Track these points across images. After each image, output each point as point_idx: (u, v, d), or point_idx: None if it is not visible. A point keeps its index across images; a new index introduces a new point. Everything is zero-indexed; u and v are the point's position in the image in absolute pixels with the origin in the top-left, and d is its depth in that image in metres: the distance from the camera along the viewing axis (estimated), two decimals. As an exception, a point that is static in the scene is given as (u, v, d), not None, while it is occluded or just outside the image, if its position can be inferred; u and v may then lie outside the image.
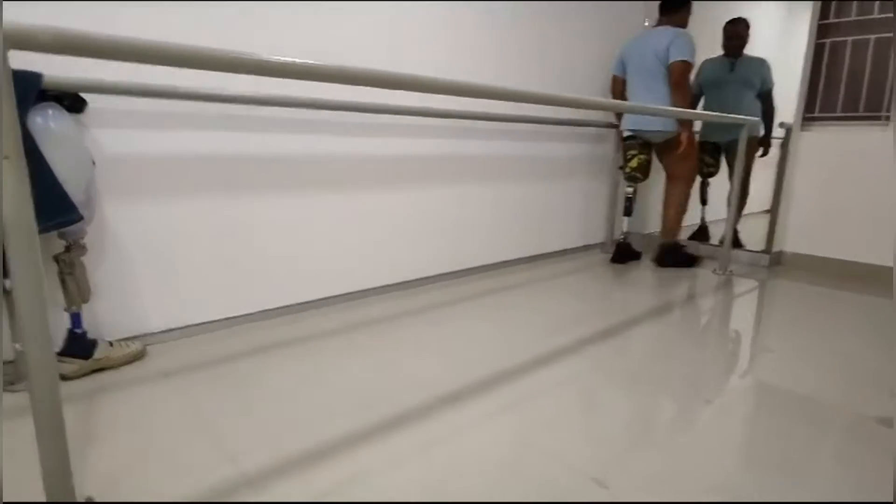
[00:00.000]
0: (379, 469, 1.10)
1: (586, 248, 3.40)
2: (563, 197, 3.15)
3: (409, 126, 2.28)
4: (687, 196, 3.01)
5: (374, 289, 2.31)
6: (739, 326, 2.10)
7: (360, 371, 1.57)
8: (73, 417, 1.27)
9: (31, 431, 0.91)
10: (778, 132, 3.11)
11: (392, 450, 1.17)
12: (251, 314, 1.95)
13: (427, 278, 2.51)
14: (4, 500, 0.71)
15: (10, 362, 1.45)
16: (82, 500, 0.95)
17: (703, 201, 3.53)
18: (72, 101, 1.42)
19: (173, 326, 1.77)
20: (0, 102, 0.73)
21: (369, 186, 2.21)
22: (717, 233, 3.35)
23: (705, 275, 2.89)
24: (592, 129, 3.22)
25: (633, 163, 2.98)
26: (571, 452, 1.18)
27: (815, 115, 2.93)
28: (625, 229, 3.14)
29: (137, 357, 1.61)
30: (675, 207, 3.00)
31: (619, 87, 3.02)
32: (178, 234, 1.74)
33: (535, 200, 2.97)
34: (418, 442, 1.20)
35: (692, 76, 2.85)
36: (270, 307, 2.00)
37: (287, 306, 2.04)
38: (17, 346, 0.81)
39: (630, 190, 3.08)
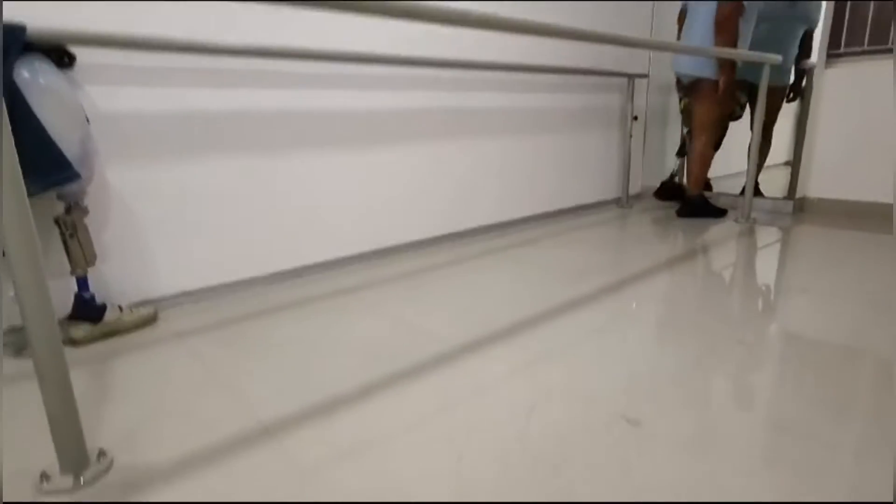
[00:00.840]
0: (401, 417, 1.05)
1: (600, 204, 3.30)
2: (576, 151, 3.05)
3: (421, 78, 2.19)
4: (709, 146, 2.87)
5: (389, 248, 2.25)
6: (767, 270, 2.02)
7: (377, 328, 1.52)
8: (85, 380, 1.24)
9: (37, 396, 0.87)
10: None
11: (414, 398, 1.12)
12: (264, 276, 1.90)
13: (440, 237, 2.44)
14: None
15: (21, 329, 1.43)
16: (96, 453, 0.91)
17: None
18: (59, 55, 1.36)
19: (184, 290, 1.74)
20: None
21: (381, 143, 2.13)
22: (737, 184, 3.24)
23: (727, 224, 2.80)
24: (605, 79, 3.09)
25: (681, 105, 3.04)
26: (601, 394, 1.12)
27: (840, 51, 2.78)
28: (675, 169, 3.27)
29: (149, 321, 1.58)
30: (696, 159, 2.89)
31: (679, 24, 2.92)
32: (185, 195, 1.69)
33: (546, 155, 2.88)
34: (441, 390, 1.16)
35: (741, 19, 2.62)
36: (283, 269, 1.95)
37: (300, 268, 1.99)
38: (12, 294, 0.76)
39: (685, 130, 3.12)
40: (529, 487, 0.84)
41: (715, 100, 2.71)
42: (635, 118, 3.25)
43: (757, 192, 3.11)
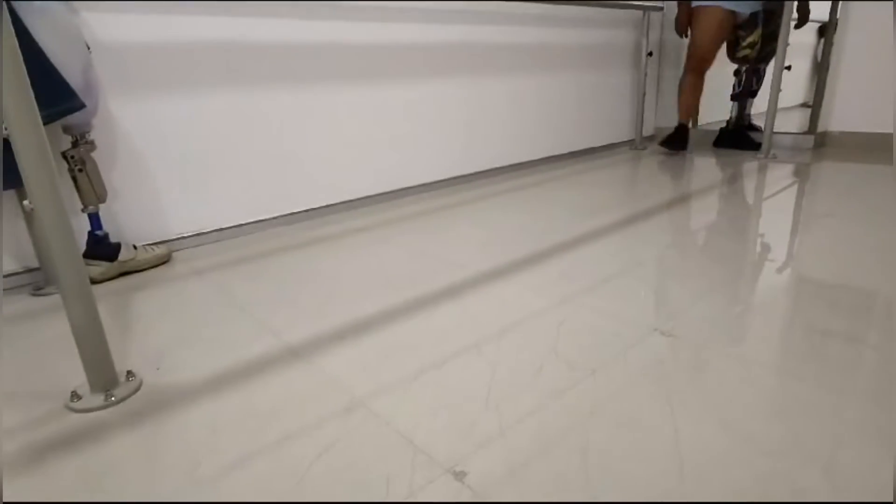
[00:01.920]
0: (430, 335, 1.04)
1: (612, 146, 3.22)
2: (588, 90, 2.94)
3: (426, 10, 2.09)
4: (689, 84, 2.90)
5: (400, 190, 2.21)
6: (791, 200, 1.97)
7: (397, 258, 1.50)
8: (107, 313, 1.23)
9: (59, 329, 0.84)
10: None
11: (440, 318, 1.11)
12: (275, 218, 1.87)
13: (449, 179, 2.39)
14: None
15: (38, 269, 1.41)
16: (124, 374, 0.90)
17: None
18: (55, -22, 1.28)
19: (198, 230, 1.71)
20: None
21: (388, 81, 2.05)
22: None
23: (747, 160, 2.72)
24: (618, 12, 2.95)
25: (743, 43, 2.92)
26: (629, 311, 1.10)
27: (869, -27, 2.62)
28: (732, 114, 3.16)
29: (163, 260, 1.56)
30: (680, 93, 3.01)
31: None
32: (194, 131, 1.64)
33: (556, 94, 2.78)
34: (466, 310, 1.14)
35: None
36: (294, 210, 1.91)
37: (312, 210, 1.96)
38: (27, 203, 0.73)
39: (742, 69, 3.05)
40: (568, 391, 0.82)
41: (697, 28, 2.77)
42: (650, 54, 3.12)
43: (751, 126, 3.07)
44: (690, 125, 3.03)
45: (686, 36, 2.82)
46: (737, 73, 3.04)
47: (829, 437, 0.70)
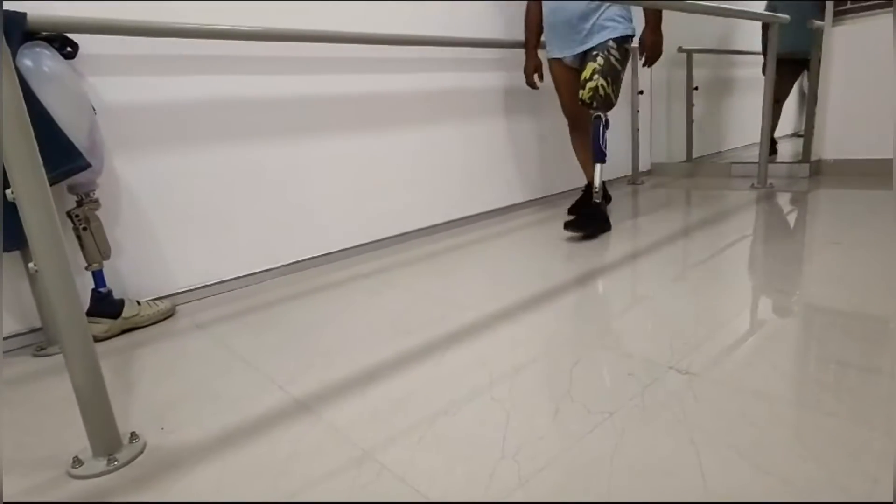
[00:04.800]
0: (437, 382, 1.01)
1: (610, 182, 3.25)
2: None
3: (424, 60, 2.15)
4: (576, 143, 2.40)
5: (404, 234, 2.21)
6: (795, 228, 1.97)
7: (402, 303, 1.48)
8: (110, 371, 1.20)
9: (61, 391, 0.82)
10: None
11: (451, 361, 1.08)
12: (279, 268, 1.87)
13: (448, 223, 2.40)
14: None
15: (40, 329, 1.39)
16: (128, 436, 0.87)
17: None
18: (61, 44, 1.33)
19: (200, 284, 1.70)
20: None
21: (392, 128, 2.09)
22: (750, 154, 3.18)
23: (743, 190, 2.74)
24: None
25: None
26: (642, 349, 1.08)
27: (847, 6, 2.72)
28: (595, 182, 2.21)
29: (167, 315, 1.55)
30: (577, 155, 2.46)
31: None
32: (195, 186, 1.66)
33: (552, 134, 2.83)
34: (475, 354, 1.12)
35: None
36: (298, 259, 1.91)
37: (314, 258, 1.95)
38: (32, 265, 0.73)
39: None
40: (586, 435, 0.79)
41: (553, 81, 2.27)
42: (640, 93, 3.20)
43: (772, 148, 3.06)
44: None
45: (535, 87, 2.35)
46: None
47: (862, 475, 0.67)
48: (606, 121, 2.06)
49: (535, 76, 2.33)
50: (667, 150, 3.51)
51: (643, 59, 2.13)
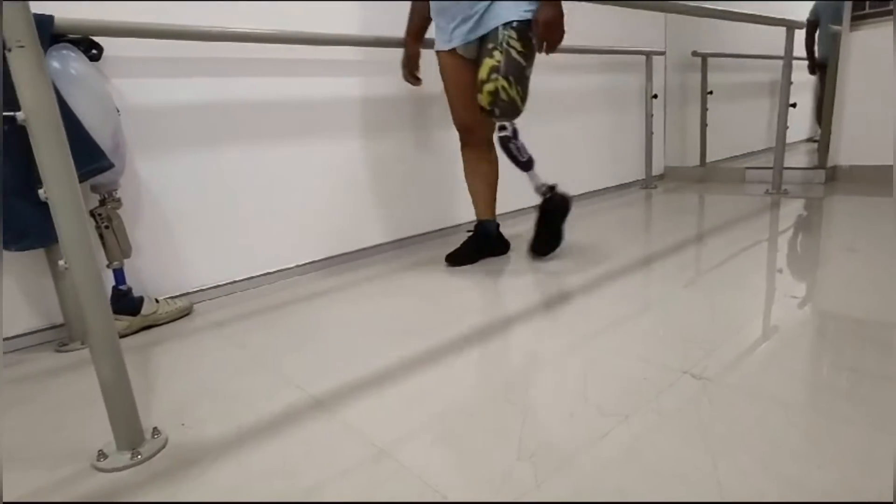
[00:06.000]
0: (451, 383, 1.02)
1: (623, 186, 3.24)
2: (595, 133, 3.00)
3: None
4: (466, 166, 1.92)
5: (415, 236, 2.23)
6: (809, 234, 1.96)
7: (415, 305, 1.49)
8: (131, 368, 1.21)
9: (83, 386, 0.84)
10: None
11: (462, 365, 1.09)
12: (291, 268, 1.89)
13: (461, 224, 2.41)
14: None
15: (62, 324, 1.42)
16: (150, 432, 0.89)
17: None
18: (87, 47, 1.36)
19: (215, 283, 1.72)
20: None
21: (404, 130, 2.11)
22: (766, 160, 3.16)
23: (758, 195, 2.73)
24: (622, 58, 3.04)
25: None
26: (655, 354, 1.08)
27: (865, 11, 2.70)
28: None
29: (185, 313, 1.57)
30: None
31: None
32: (212, 187, 1.68)
33: (565, 138, 2.83)
34: (488, 356, 1.12)
35: None
36: (311, 260, 1.93)
37: (330, 257, 1.97)
38: (62, 262, 0.75)
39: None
40: (602, 438, 0.80)
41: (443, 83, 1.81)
42: (654, 96, 3.19)
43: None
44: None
45: (415, 83, 1.92)
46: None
47: (877, 481, 0.67)
48: (514, 130, 1.65)
49: (415, 71, 1.89)
50: (680, 154, 3.49)
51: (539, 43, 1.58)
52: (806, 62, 3.05)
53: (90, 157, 1.26)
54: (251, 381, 1.10)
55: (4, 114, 0.68)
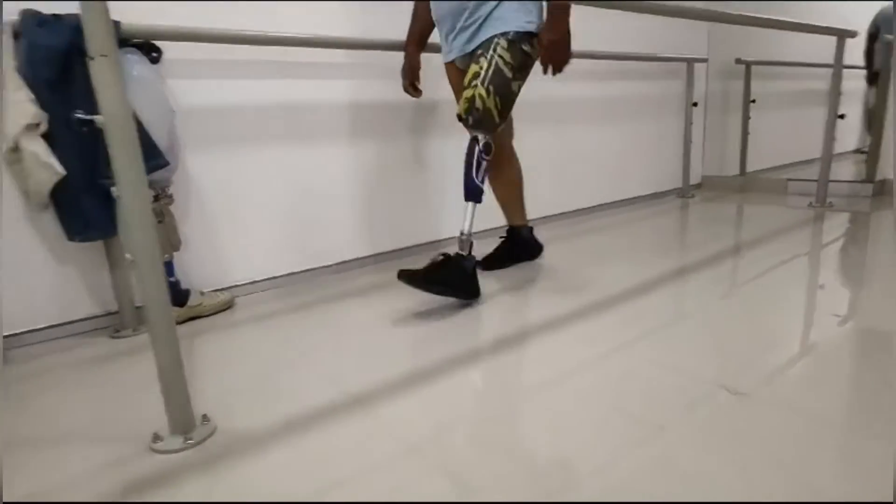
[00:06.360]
0: (486, 384, 1.05)
1: (658, 195, 3.20)
2: (633, 140, 2.97)
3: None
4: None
5: (453, 238, 2.26)
6: (854, 250, 1.91)
7: (454, 306, 1.52)
8: (177, 355, 1.29)
9: (136, 372, 0.89)
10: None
11: (497, 366, 1.12)
12: (331, 265, 1.94)
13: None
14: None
15: (116, 312, 1.50)
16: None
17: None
18: (148, 50, 1.43)
19: (255, 279, 1.79)
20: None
21: (451, 132, 2.15)
22: (811, 171, 3.08)
23: (800, 208, 2.66)
24: (662, 65, 3.00)
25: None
26: (691, 365, 1.08)
27: (921, 20, 2.60)
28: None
29: (227, 306, 1.64)
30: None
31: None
32: (256, 185, 1.75)
33: (601, 145, 2.82)
34: (522, 360, 1.15)
35: None
36: (349, 259, 1.99)
37: (362, 258, 2.02)
38: (129, 255, 0.80)
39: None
40: (636, 447, 0.81)
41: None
42: (695, 104, 3.15)
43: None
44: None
45: (415, 95, 1.81)
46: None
47: (921, 508, 0.67)
48: (487, 144, 1.50)
49: (416, 81, 1.79)
50: (719, 163, 3.43)
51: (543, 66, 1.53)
52: (855, 71, 2.96)
53: (149, 156, 1.33)
54: (291, 375, 1.15)
55: (83, 117, 0.73)
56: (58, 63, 1.22)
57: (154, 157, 1.35)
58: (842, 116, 2.61)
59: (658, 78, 3.01)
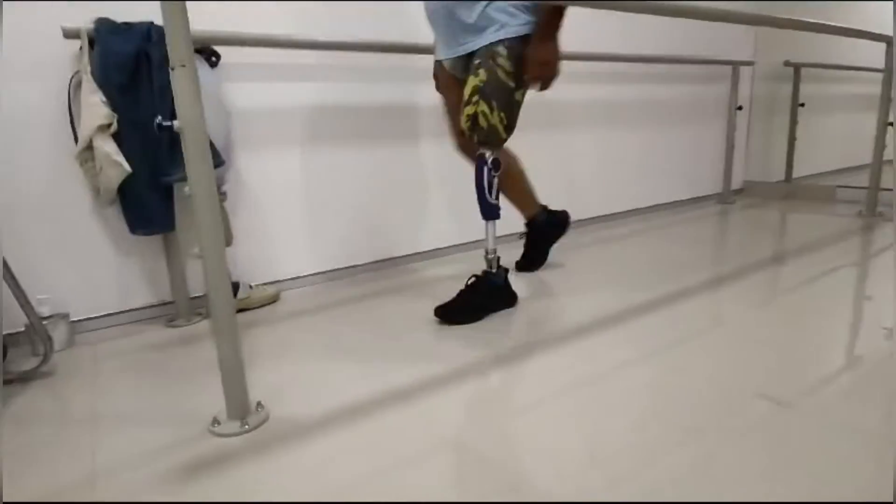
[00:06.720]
0: (521, 384, 1.07)
1: (698, 199, 3.15)
2: (674, 143, 2.94)
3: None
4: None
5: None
6: (903, 263, 1.85)
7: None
8: (229, 345, 1.36)
9: (192, 359, 0.95)
10: None
11: (533, 367, 1.14)
12: (370, 263, 2.00)
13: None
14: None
15: (171, 302, 1.59)
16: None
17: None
18: (208, 54, 1.51)
19: (301, 273, 1.86)
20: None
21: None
22: (860, 179, 2.97)
23: (848, 217, 2.58)
24: (706, 68, 2.96)
25: None
26: (729, 375, 1.08)
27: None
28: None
29: (273, 300, 1.71)
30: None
31: None
32: (302, 183, 1.82)
33: (642, 148, 2.80)
34: (557, 363, 1.17)
35: None
36: (391, 256, 2.04)
37: (407, 255, 2.07)
38: (196, 251, 0.86)
39: None
40: (673, 452, 0.82)
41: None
42: (739, 108, 3.08)
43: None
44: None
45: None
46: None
47: (969, 526, 0.66)
48: (495, 161, 1.45)
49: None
50: (763, 168, 3.35)
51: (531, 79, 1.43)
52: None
53: (206, 155, 1.41)
54: (336, 368, 1.20)
55: (165, 123, 0.79)
56: (128, 68, 1.30)
57: (213, 156, 1.42)
58: (891, 124, 2.52)
59: (700, 81, 2.96)
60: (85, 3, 1.32)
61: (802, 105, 3.31)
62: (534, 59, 1.38)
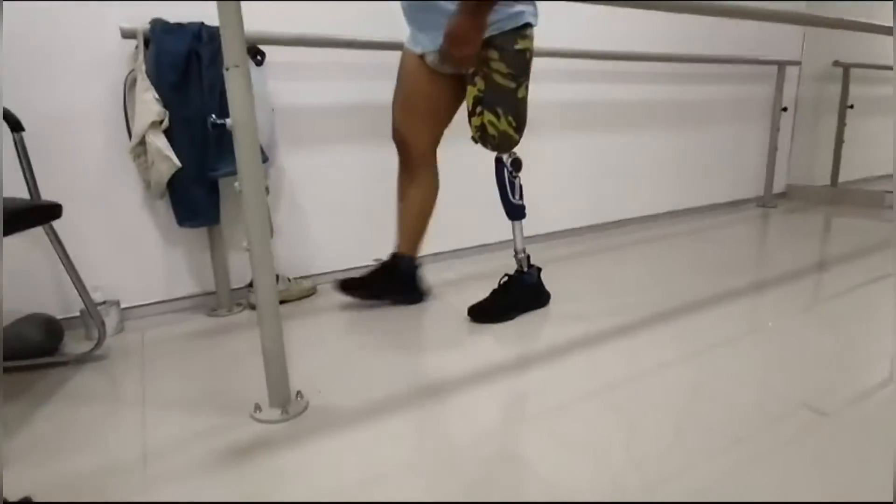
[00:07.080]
0: (558, 384, 1.08)
1: (738, 202, 3.07)
2: (715, 145, 2.87)
3: (558, 71, 2.20)
4: (398, 186, 1.64)
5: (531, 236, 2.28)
6: (957, 273, 1.77)
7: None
8: (268, 336, 1.41)
9: (233, 348, 0.99)
10: None
11: (570, 367, 1.14)
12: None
13: (567, 230, 2.43)
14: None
15: (213, 293, 1.65)
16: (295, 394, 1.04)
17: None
18: (254, 53, 1.56)
19: (338, 268, 1.90)
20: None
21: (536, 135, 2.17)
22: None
23: (881, 222, 2.48)
24: (751, 67, 2.88)
25: None
26: (771, 382, 1.06)
27: None
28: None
29: (310, 293, 1.75)
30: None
31: None
32: (339, 180, 1.85)
33: (676, 149, 2.74)
34: (594, 364, 1.16)
35: None
36: (425, 254, 2.05)
37: (441, 252, 2.09)
38: (245, 244, 0.90)
39: None
40: (713, 457, 0.82)
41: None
42: (784, 109, 2.99)
43: None
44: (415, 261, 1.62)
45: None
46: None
47: None
48: (515, 160, 1.45)
49: None
50: (808, 172, 3.24)
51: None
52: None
53: (251, 151, 1.46)
54: (372, 362, 1.23)
55: (218, 121, 0.83)
56: (180, 67, 1.36)
57: (255, 152, 1.47)
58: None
59: (744, 81, 2.89)
60: (138, 4, 1.39)
61: (851, 107, 3.19)
62: (448, 34, 1.21)
